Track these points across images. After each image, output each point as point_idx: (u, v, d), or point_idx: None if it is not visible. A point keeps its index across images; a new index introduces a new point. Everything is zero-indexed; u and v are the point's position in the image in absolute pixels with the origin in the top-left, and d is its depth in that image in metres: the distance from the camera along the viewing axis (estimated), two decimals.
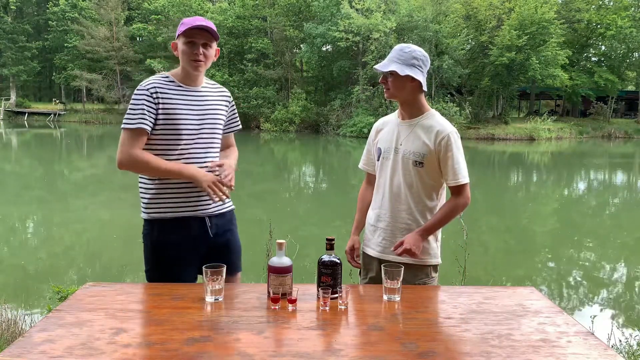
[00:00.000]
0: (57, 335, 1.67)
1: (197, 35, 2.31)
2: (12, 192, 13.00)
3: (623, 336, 4.20)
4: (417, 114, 2.45)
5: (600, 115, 39.10)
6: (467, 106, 33.63)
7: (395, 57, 2.37)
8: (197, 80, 2.41)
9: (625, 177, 20.30)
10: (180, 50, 2.34)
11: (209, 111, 2.42)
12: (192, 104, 2.37)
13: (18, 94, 47.76)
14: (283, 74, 38.21)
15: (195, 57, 2.32)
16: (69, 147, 26.84)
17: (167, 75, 2.39)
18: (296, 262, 2.20)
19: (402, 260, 2.38)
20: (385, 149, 2.50)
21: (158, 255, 2.38)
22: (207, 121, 2.40)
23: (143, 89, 2.30)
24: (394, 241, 2.42)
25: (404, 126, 2.46)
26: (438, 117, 2.45)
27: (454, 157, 2.36)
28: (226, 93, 2.56)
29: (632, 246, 9.42)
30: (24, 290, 5.96)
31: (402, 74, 2.33)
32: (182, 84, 2.38)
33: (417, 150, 2.39)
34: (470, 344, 1.67)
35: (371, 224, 2.56)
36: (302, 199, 13.71)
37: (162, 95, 2.30)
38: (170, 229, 2.35)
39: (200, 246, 2.40)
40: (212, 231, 2.41)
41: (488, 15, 34.31)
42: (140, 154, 2.27)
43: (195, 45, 2.31)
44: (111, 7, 42.38)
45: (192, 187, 2.34)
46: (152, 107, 2.28)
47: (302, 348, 1.62)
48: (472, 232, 4.51)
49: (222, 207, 2.47)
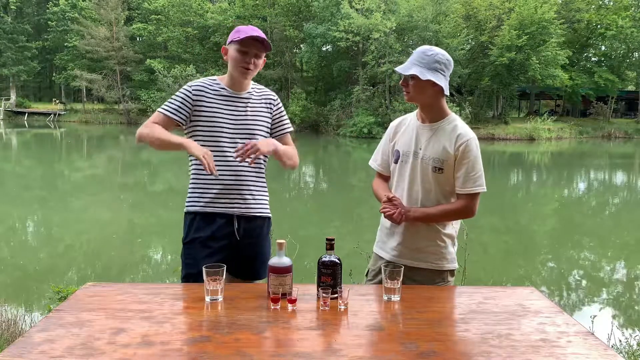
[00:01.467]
0: (57, 335, 1.67)
1: (252, 46, 2.39)
2: (12, 192, 13.00)
3: (623, 336, 4.20)
4: (438, 118, 2.38)
5: (600, 115, 39.08)
6: (467, 106, 33.61)
7: (417, 59, 2.28)
8: (242, 85, 2.49)
9: (625, 177, 20.31)
10: (232, 56, 2.41)
11: (248, 115, 2.47)
12: (232, 107, 2.46)
13: (18, 94, 47.75)
14: (283, 74, 38.23)
15: (246, 66, 2.40)
16: (69, 147, 26.84)
17: (215, 79, 2.52)
18: (296, 262, 2.20)
19: (419, 265, 2.38)
20: (404, 152, 2.43)
21: (189, 250, 2.44)
22: (245, 125, 2.45)
23: (189, 85, 2.47)
24: (411, 247, 2.40)
25: (424, 130, 2.39)
26: (459, 122, 2.38)
27: (470, 164, 2.31)
28: (271, 96, 2.61)
29: (632, 246, 9.42)
30: (24, 290, 5.96)
31: (423, 78, 2.25)
32: (227, 88, 2.48)
33: (437, 156, 2.33)
34: (470, 344, 1.67)
35: (387, 227, 2.49)
36: (302, 199, 13.71)
37: (203, 96, 2.43)
38: (202, 224, 2.41)
39: (226, 247, 2.42)
40: (240, 234, 2.43)
41: (488, 15, 34.31)
42: (153, 125, 2.38)
43: (248, 54, 2.39)
44: (111, 7, 42.34)
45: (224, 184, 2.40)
46: (189, 104, 2.42)
47: (302, 348, 1.62)
48: (472, 232, 4.50)
49: (252, 210, 2.46)
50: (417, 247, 2.40)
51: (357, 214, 10.94)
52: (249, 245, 2.46)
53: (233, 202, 2.42)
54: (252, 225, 2.47)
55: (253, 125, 2.47)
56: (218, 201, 2.41)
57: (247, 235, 2.46)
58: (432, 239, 2.40)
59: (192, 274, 2.37)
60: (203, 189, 2.43)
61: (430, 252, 2.40)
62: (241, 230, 2.43)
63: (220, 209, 2.41)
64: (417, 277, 2.38)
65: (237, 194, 2.42)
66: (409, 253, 2.41)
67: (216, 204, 2.41)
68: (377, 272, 2.50)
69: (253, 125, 2.47)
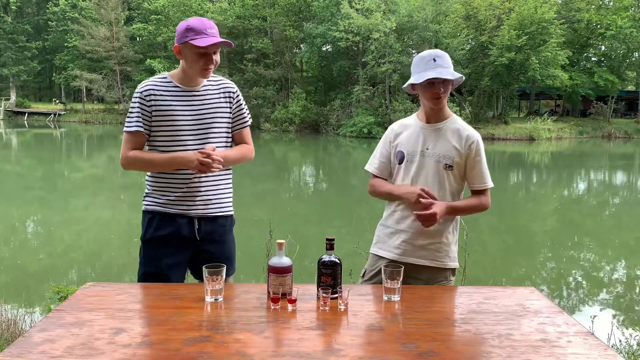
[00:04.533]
0: (57, 335, 1.67)
1: (211, 46, 2.28)
2: (12, 192, 12.99)
3: (623, 336, 4.20)
4: (444, 117, 2.45)
5: (600, 115, 39.08)
6: (467, 106, 33.62)
7: (448, 64, 2.37)
8: (197, 81, 2.41)
9: (625, 177, 20.31)
10: (190, 58, 2.31)
11: (206, 110, 2.40)
12: (189, 104, 2.37)
13: (18, 94, 47.77)
14: (283, 74, 38.22)
15: (206, 67, 2.32)
16: (69, 147, 26.84)
17: (165, 76, 2.41)
18: (296, 262, 2.20)
19: (423, 262, 2.40)
20: (410, 152, 2.45)
21: (148, 248, 2.42)
22: (203, 120, 2.39)
23: (138, 92, 2.36)
24: (415, 244, 2.41)
25: (430, 130, 2.44)
26: (462, 122, 2.49)
27: (482, 162, 2.43)
28: (229, 87, 2.50)
29: (632, 246, 9.42)
30: (24, 290, 5.96)
31: (460, 79, 2.40)
32: (180, 85, 2.38)
33: (448, 154, 2.39)
34: (470, 344, 1.67)
35: (388, 226, 2.51)
36: (302, 199, 13.70)
37: (156, 97, 2.34)
38: (161, 224, 2.39)
39: (187, 247, 2.41)
40: (200, 235, 2.42)
41: (488, 15, 34.30)
42: (134, 154, 2.36)
43: (207, 56, 2.29)
44: (111, 7, 42.37)
45: (184, 184, 2.37)
46: (146, 110, 2.34)
47: (302, 348, 1.61)
48: (472, 232, 4.51)
49: (213, 210, 2.45)
50: (422, 244, 2.42)
51: (357, 214, 10.93)
52: (211, 245, 2.45)
53: (195, 203, 2.40)
54: (213, 226, 2.45)
55: (212, 120, 2.41)
56: (180, 202, 2.38)
57: (209, 235, 2.44)
58: (437, 237, 2.42)
59: (152, 272, 2.36)
60: (164, 189, 2.39)
61: (435, 250, 2.43)
62: (202, 231, 2.42)
63: (182, 210, 2.39)
64: (421, 276, 2.40)
65: (198, 195, 2.40)
66: (414, 251, 2.42)
67: (177, 205, 2.39)
68: (375, 273, 2.50)
69: (212, 120, 2.41)
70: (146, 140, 2.38)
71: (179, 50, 2.33)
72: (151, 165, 2.39)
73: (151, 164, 2.38)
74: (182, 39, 2.29)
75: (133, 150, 2.36)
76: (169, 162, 2.34)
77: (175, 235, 2.38)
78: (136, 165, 2.39)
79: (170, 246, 2.38)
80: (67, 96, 51.71)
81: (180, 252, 2.40)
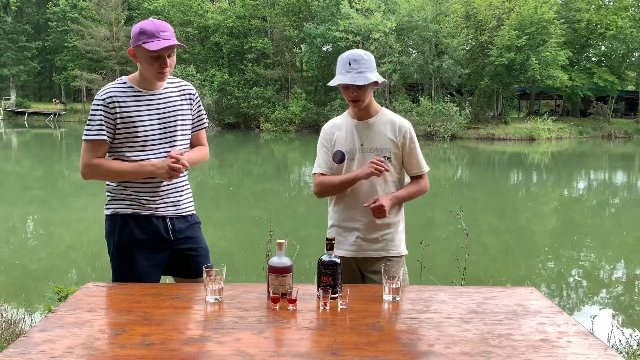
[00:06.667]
0: (57, 335, 1.67)
1: (164, 49, 2.24)
2: (12, 192, 13.00)
3: (623, 336, 4.20)
4: (374, 113, 2.53)
5: (600, 115, 39.06)
6: (467, 106, 33.62)
7: (365, 67, 2.39)
8: (156, 84, 2.38)
9: (625, 177, 20.31)
10: (144, 61, 2.27)
11: (170, 113, 2.39)
12: (151, 108, 2.35)
13: (18, 94, 47.73)
14: (283, 74, 38.22)
15: (161, 71, 2.29)
16: (69, 147, 26.84)
17: (125, 81, 2.36)
18: (296, 262, 2.20)
19: (379, 254, 2.47)
20: (348, 150, 2.51)
21: (124, 253, 2.39)
22: (169, 124, 2.39)
23: (99, 98, 2.30)
24: (370, 238, 2.48)
25: (362, 126, 2.52)
26: (392, 114, 2.58)
27: (417, 148, 2.53)
28: (188, 89, 2.50)
29: (632, 246, 9.42)
30: (24, 290, 5.96)
31: (380, 81, 2.44)
32: (141, 89, 2.35)
33: (384, 146, 2.48)
34: (470, 344, 1.67)
35: (342, 226, 2.54)
36: (302, 199, 13.70)
37: (120, 104, 2.30)
38: (136, 227, 2.37)
39: (163, 248, 2.41)
40: (174, 234, 2.42)
41: (488, 15, 34.30)
42: (98, 162, 2.32)
43: (161, 59, 2.26)
44: (111, 7, 42.33)
45: (151, 185, 2.37)
46: (110, 117, 2.29)
47: (302, 348, 1.62)
48: (472, 232, 4.51)
49: (183, 210, 2.46)
50: (374, 237, 2.48)
51: None
52: (188, 243, 2.46)
53: (167, 204, 2.40)
54: (185, 224, 2.47)
55: (176, 123, 2.40)
56: (152, 203, 2.38)
57: (182, 233, 2.44)
58: (388, 228, 2.50)
59: (128, 277, 2.34)
60: (135, 192, 2.37)
61: (388, 240, 2.50)
62: (176, 230, 2.42)
63: (155, 211, 2.38)
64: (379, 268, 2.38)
65: (169, 196, 2.41)
66: (368, 245, 2.49)
67: (151, 206, 2.38)
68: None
69: (176, 123, 2.40)
70: (108, 147, 2.34)
71: (134, 53, 2.29)
72: (119, 175, 2.34)
73: (119, 173, 2.33)
74: (135, 42, 2.26)
75: (97, 158, 2.32)
76: (138, 171, 2.31)
77: (154, 237, 2.38)
78: (101, 175, 2.35)
79: (147, 248, 2.38)
80: (67, 96, 51.66)
81: (158, 254, 2.40)
